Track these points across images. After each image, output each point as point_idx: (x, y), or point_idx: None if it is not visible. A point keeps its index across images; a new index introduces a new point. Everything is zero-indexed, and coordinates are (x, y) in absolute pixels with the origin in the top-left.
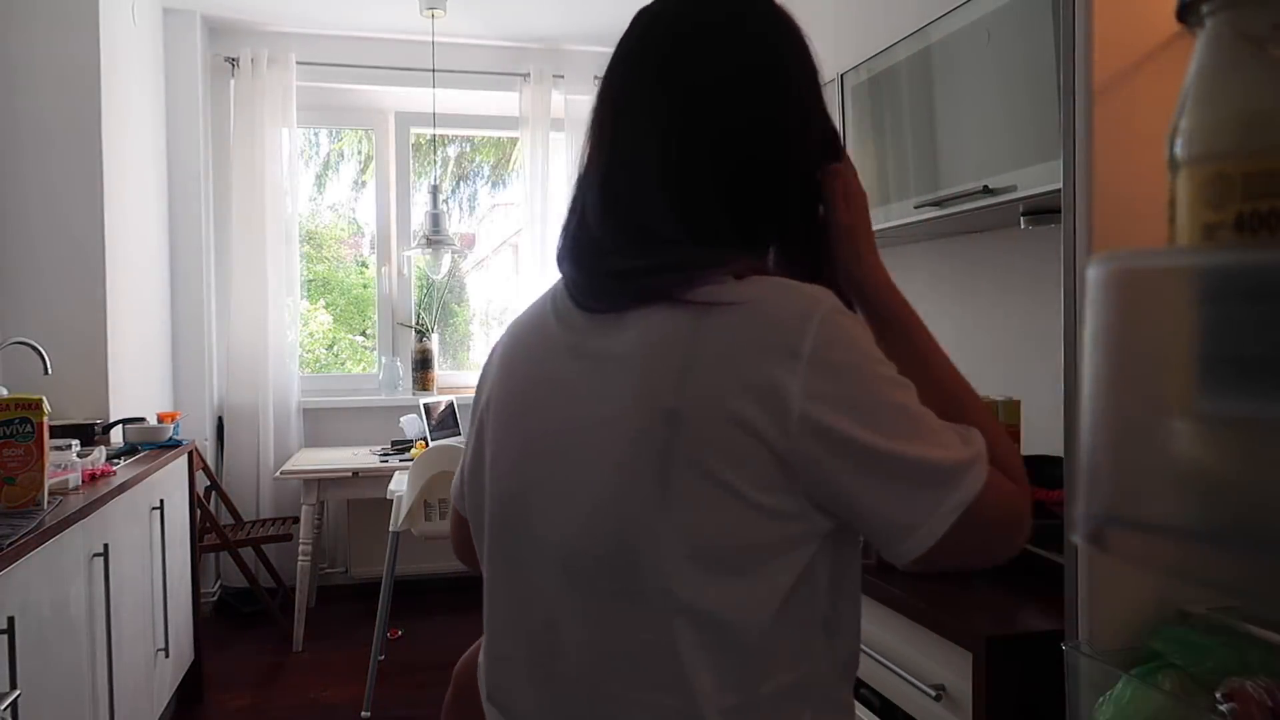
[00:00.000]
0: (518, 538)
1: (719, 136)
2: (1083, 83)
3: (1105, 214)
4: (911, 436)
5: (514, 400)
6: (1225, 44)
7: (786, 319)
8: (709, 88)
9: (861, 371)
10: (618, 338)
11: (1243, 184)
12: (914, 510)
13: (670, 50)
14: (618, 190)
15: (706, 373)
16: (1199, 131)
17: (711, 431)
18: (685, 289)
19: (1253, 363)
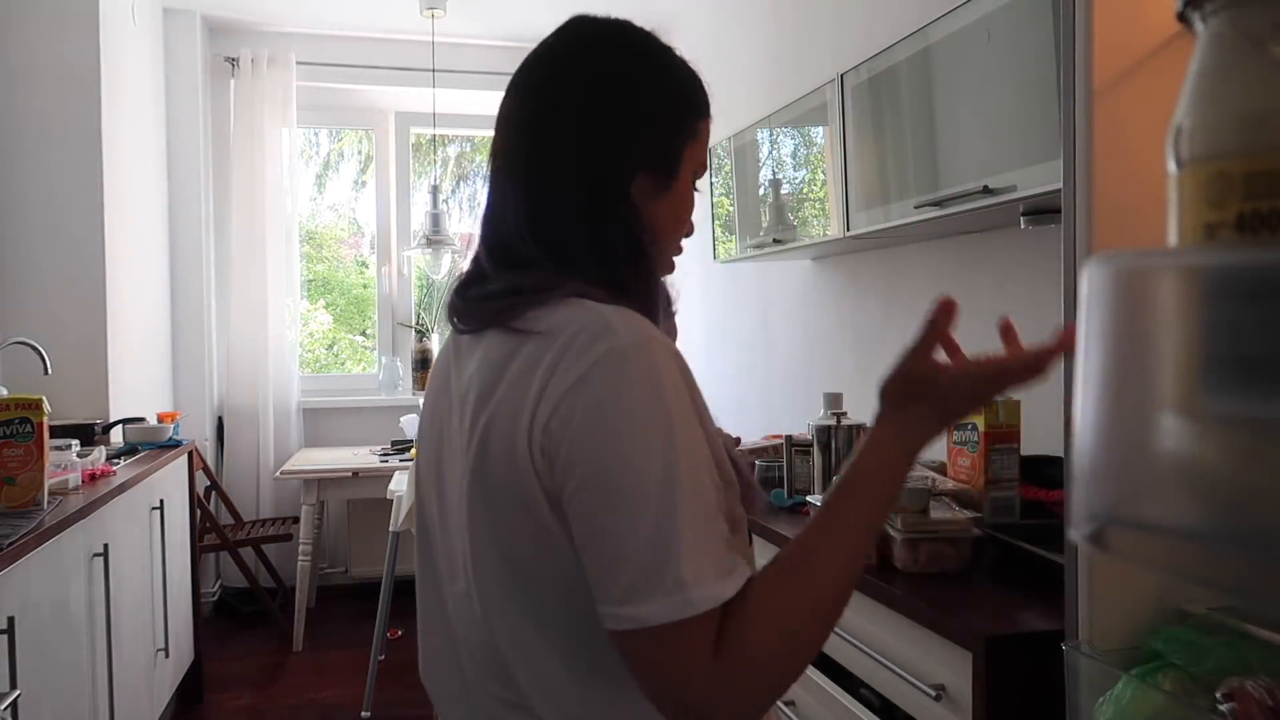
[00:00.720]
0: (426, 543)
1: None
2: (1083, 83)
3: (1105, 214)
4: (643, 493)
5: (426, 419)
6: (1225, 44)
7: (567, 344)
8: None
9: (617, 407)
10: (470, 361)
11: (1243, 184)
12: (648, 577)
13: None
14: (492, 219)
15: (505, 398)
16: (1199, 131)
17: (496, 452)
18: (513, 316)
19: (1253, 363)
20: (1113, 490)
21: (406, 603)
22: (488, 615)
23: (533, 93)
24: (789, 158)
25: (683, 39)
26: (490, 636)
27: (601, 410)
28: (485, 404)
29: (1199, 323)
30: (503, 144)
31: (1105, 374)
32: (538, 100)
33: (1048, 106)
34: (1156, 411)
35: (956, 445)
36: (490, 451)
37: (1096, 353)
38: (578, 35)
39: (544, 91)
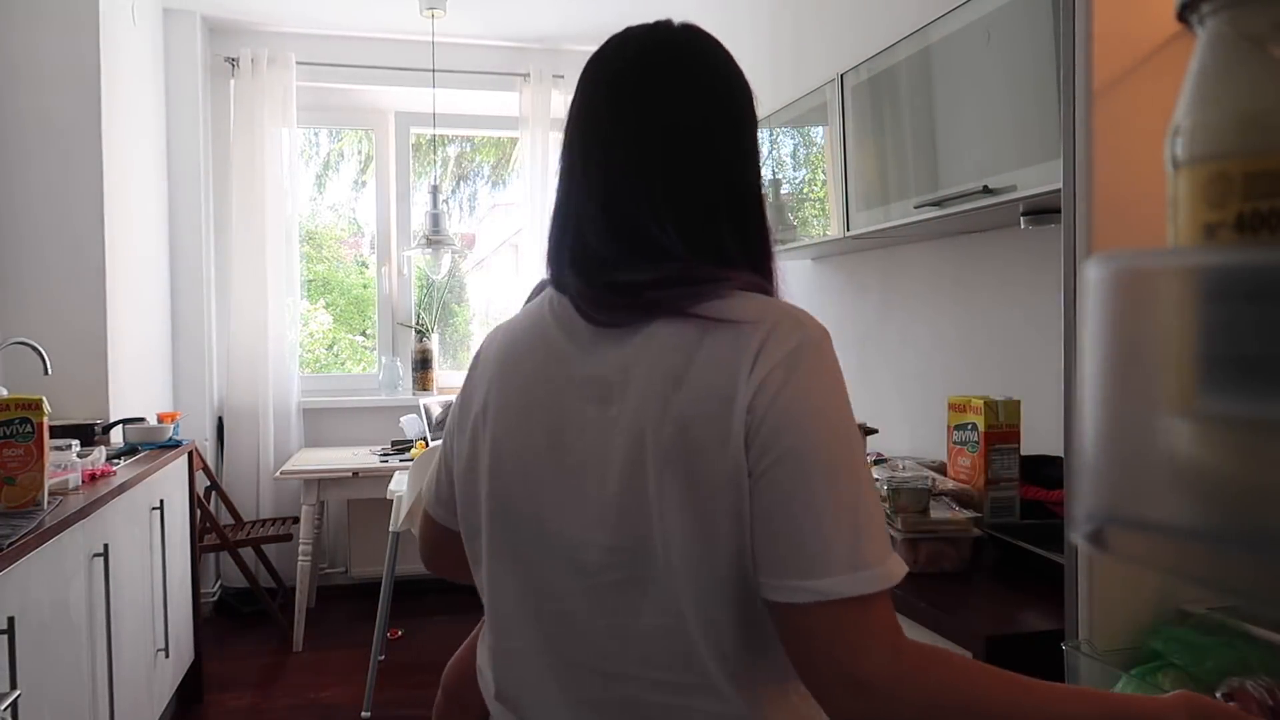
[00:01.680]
0: (528, 534)
1: (709, 174)
2: (1083, 83)
3: (1105, 214)
4: (854, 481)
5: (517, 406)
6: (1225, 44)
7: (766, 335)
8: (696, 130)
9: (822, 398)
10: (625, 347)
11: (1243, 183)
12: (816, 552)
13: (650, 88)
14: (623, 212)
15: (704, 383)
16: (1199, 131)
17: (704, 435)
18: (692, 303)
19: (1253, 363)
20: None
21: (406, 603)
22: (676, 598)
23: (673, 90)
24: (789, 158)
25: None
26: (675, 620)
27: (806, 393)
28: (676, 388)
29: (1199, 323)
30: (631, 133)
31: (1105, 374)
32: (679, 96)
33: (1048, 106)
34: (1156, 411)
35: (956, 445)
36: (691, 433)
37: (1096, 353)
38: (697, 35)
39: (686, 88)
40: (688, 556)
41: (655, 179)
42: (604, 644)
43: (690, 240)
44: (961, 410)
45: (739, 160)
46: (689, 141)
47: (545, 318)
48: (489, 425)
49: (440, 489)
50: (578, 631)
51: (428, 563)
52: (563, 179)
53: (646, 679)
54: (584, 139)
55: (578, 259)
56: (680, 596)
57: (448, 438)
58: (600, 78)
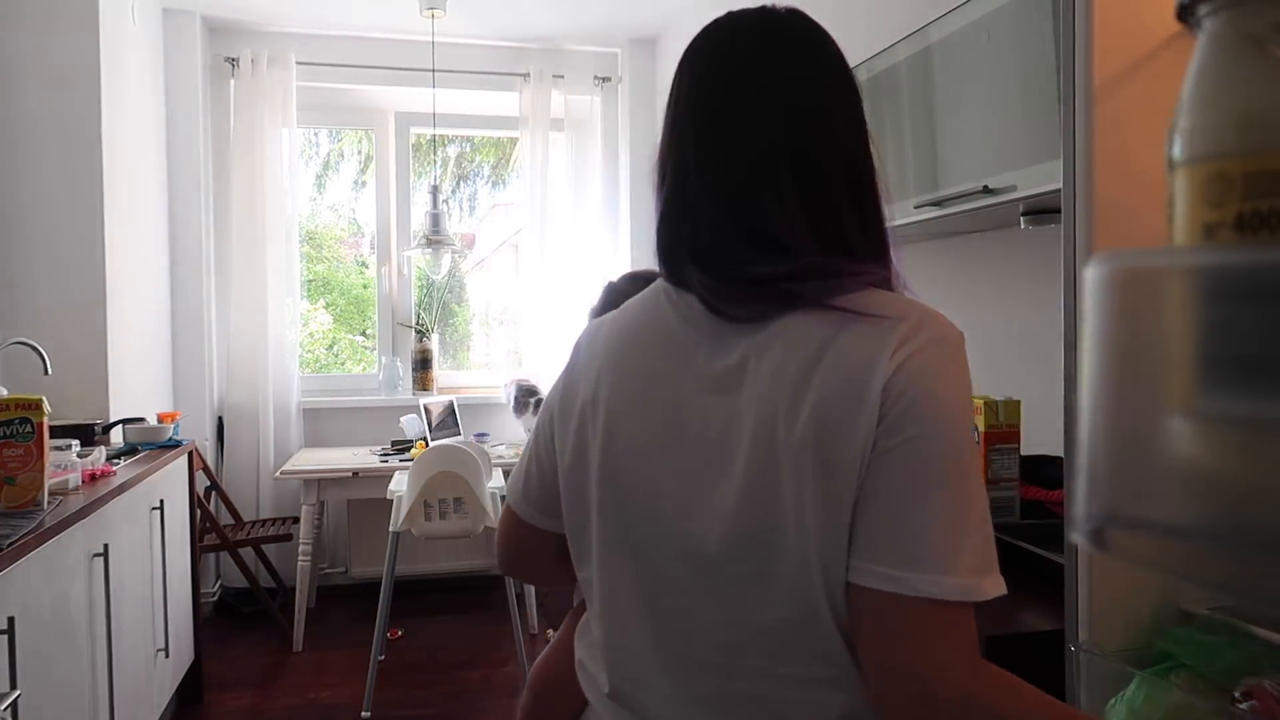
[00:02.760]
0: (646, 528)
1: (839, 148)
2: (1083, 83)
3: (1105, 214)
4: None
5: (636, 399)
6: (1225, 44)
7: (899, 331)
8: (838, 109)
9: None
10: (755, 338)
11: (1243, 183)
12: (926, 549)
13: (799, 70)
14: (745, 202)
15: (841, 368)
16: (1199, 131)
17: (839, 419)
18: (831, 296)
19: (1253, 363)
20: (1113, 490)
21: (406, 603)
22: (811, 586)
23: (793, 73)
24: None
25: (684, 39)
26: (808, 611)
27: (942, 387)
28: (810, 375)
29: (1199, 323)
30: (752, 121)
31: (1105, 374)
32: (799, 79)
33: (1048, 106)
34: (1156, 412)
35: None
36: (826, 419)
37: (1096, 352)
38: (805, 18)
39: (805, 71)
40: (823, 544)
41: (781, 169)
42: (729, 637)
43: (817, 233)
44: None
45: (858, 145)
46: (812, 127)
47: (664, 311)
48: (601, 418)
49: (530, 487)
50: (700, 625)
51: (507, 565)
52: (673, 171)
53: (774, 672)
54: (698, 129)
55: (701, 254)
56: (815, 585)
57: (542, 433)
58: (712, 64)
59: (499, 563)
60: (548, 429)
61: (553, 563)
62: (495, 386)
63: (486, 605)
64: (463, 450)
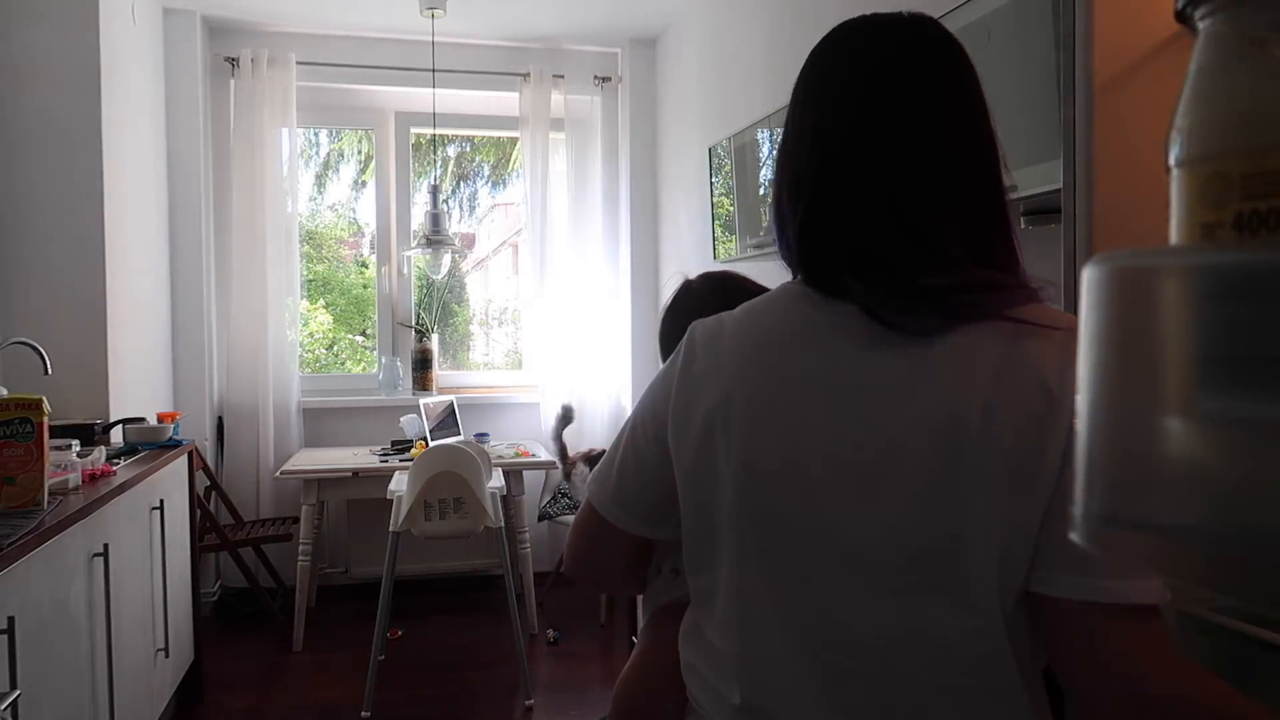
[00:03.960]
0: (797, 539)
1: (992, 164)
2: (1083, 83)
3: (1105, 214)
4: None
5: (783, 407)
6: (1225, 44)
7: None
8: (982, 116)
9: None
10: (926, 349)
11: (1242, 184)
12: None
13: (949, 73)
14: (909, 210)
15: (1028, 383)
16: (1199, 131)
17: (1028, 432)
18: (1009, 308)
19: (1253, 363)
20: (1112, 490)
21: (406, 603)
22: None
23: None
24: None
25: (684, 39)
26: (983, 622)
27: None
28: (996, 388)
29: (1198, 323)
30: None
31: (1104, 374)
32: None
33: (1048, 106)
34: (1156, 411)
35: None
36: (1014, 430)
37: (1095, 353)
38: (946, 31)
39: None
40: (1007, 555)
41: (942, 177)
42: (886, 648)
43: (970, 244)
44: None
45: (996, 157)
46: (965, 135)
47: (809, 318)
48: (738, 424)
49: (624, 488)
50: (856, 634)
51: (579, 567)
52: (820, 173)
53: (934, 684)
54: (850, 130)
55: (860, 262)
56: (991, 595)
57: (644, 434)
58: (863, 63)
59: (567, 564)
60: (654, 432)
61: (628, 568)
62: (495, 386)
63: (486, 605)
64: (463, 450)
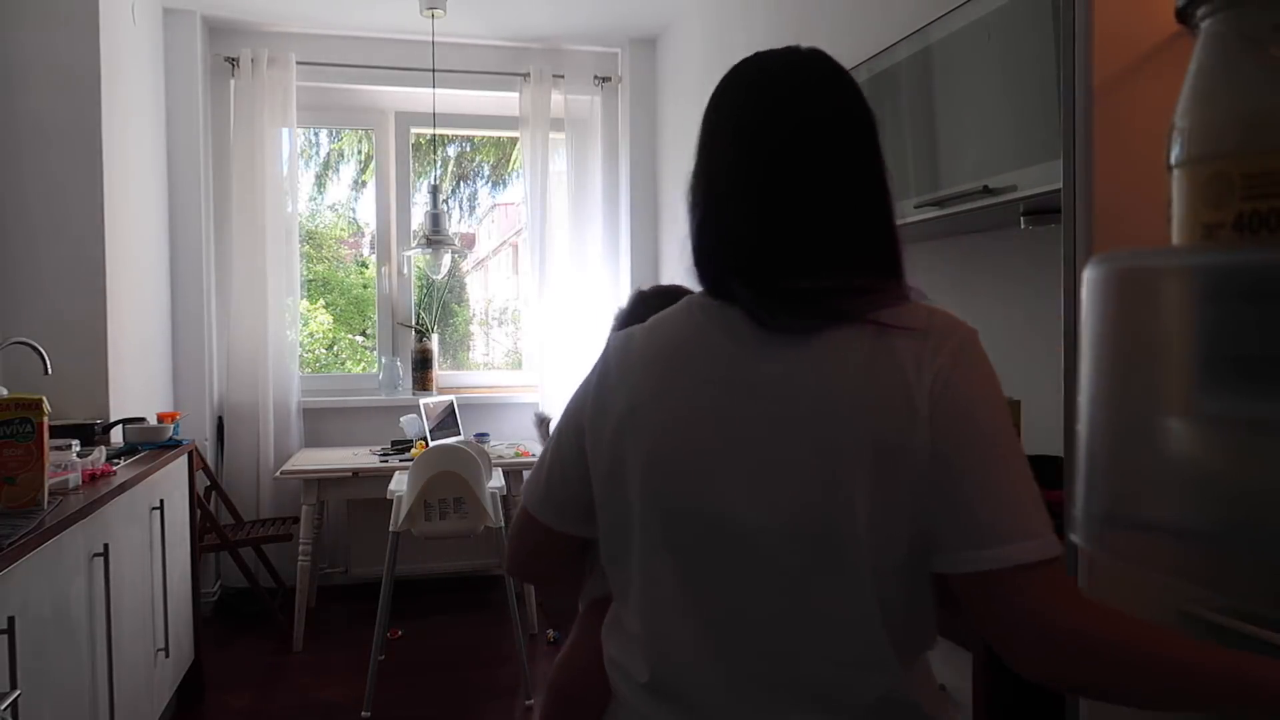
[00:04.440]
0: (697, 528)
1: (864, 176)
2: (1083, 83)
3: (1105, 214)
4: (1021, 459)
5: (682, 408)
6: (1225, 44)
7: (935, 339)
8: (864, 147)
9: (985, 388)
10: (804, 349)
11: (1242, 184)
12: (1007, 524)
13: (806, 107)
14: (783, 226)
15: (890, 380)
16: (1199, 131)
17: (893, 426)
18: (872, 310)
19: (1252, 363)
20: (1113, 490)
21: (406, 603)
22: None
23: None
24: None
25: (684, 38)
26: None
27: (976, 382)
28: (864, 386)
29: (1198, 323)
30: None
31: (1105, 374)
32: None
33: (1048, 106)
34: (1156, 411)
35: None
36: (881, 425)
37: (1096, 353)
38: (833, 63)
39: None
40: (876, 539)
41: (814, 197)
42: (779, 627)
43: (847, 253)
44: None
45: (880, 174)
46: (840, 159)
47: (702, 325)
48: (643, 427)
49: (551, 491)
50: (750, 617)
51: (519, 567)
52: (710, 196)
53: (818, 658)
54: (733, 160)
55: (743, 269)
56: (866, 578)
57: (567, 441)
58: (748, 99)
59: (509, 565)
60: (574, 438)
61: (564, 566)
62: (495, 386)
63: (486, 605)
64: (463, 450)
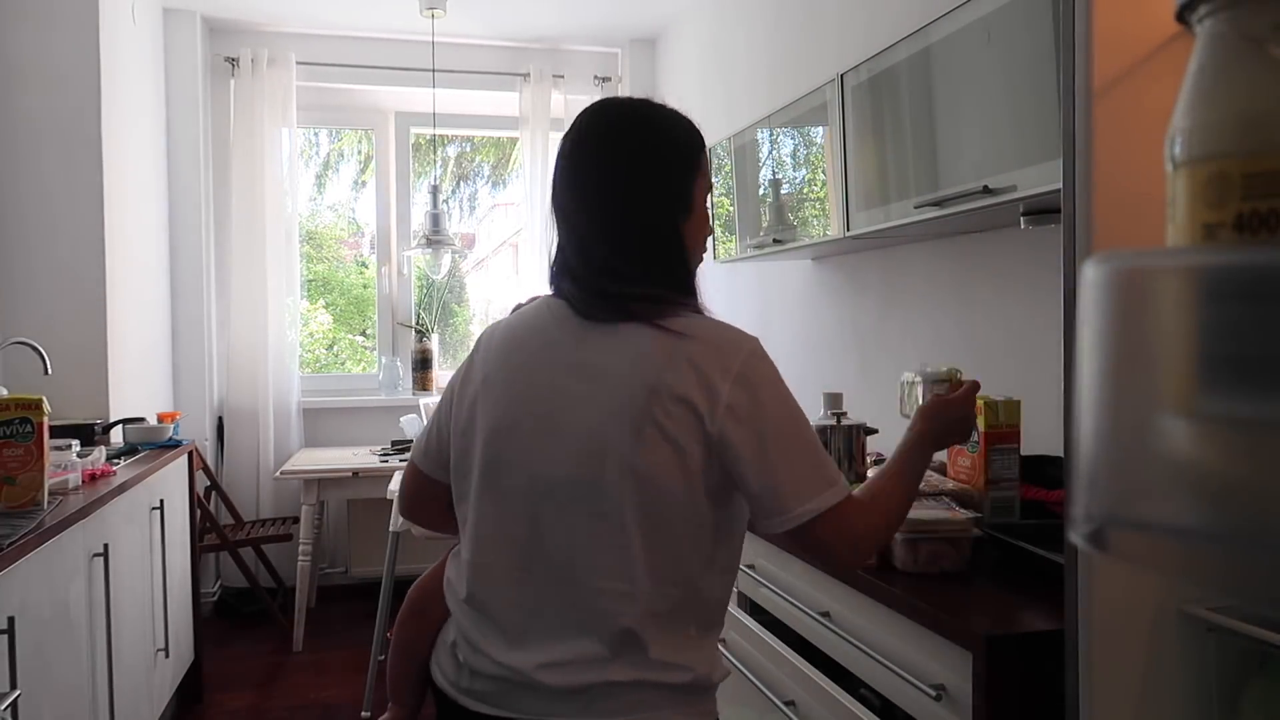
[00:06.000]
0: (514, 475)
1: (652, 218)
2: (1083, 83)
3: (1105, 214)
4: (801, 438)
5: (516, 380)
6: (1225, 44)
7: (728, 350)
8: (646, 184)
9: (771, 388)
10: (612, 340)
11: (1242, 184)
12: (791, 494)
13: (618, 154)
14: (596, 247)
15: (674, 371)
16: (1199, 131)
17: (672, 406)
18: (659, 318)
19: (1253, 363)
20: (1113, 490)
21: None
22: (624, 526)
23: (608, 163)
24: (789, 158)
25: (684, 39)
26: (620, 543)
27: (764, 385)
28: (652, 376)
29: (1198, 323)
30: (595, 189)
31: (1105, 374)
32: (614, 169)
33: (1048, 106)
34: (1156, 412)
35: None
36: (664, 410)
37: (1096, 353)
38: (652, 113)
39: (617, 162)
40: (641, 495)
41: (617, 226)
42: (565, 558)
43: (643, 266)
44: None
45: (675, 210)
46: (639, 197)
47: (544, 316)
48: (488, 395)
49: (429, 446)
50: (545, 549)
51: (407, 511)
52: (556, 221)
53: (590, 586)
54: (561, 193)
55: (572, 273)
56: (627, 525)
57: (444, 406)
58: (569, 143)
59: (400, 509)
60: (448, 405)
61: (441, 510)
62: None
63: None
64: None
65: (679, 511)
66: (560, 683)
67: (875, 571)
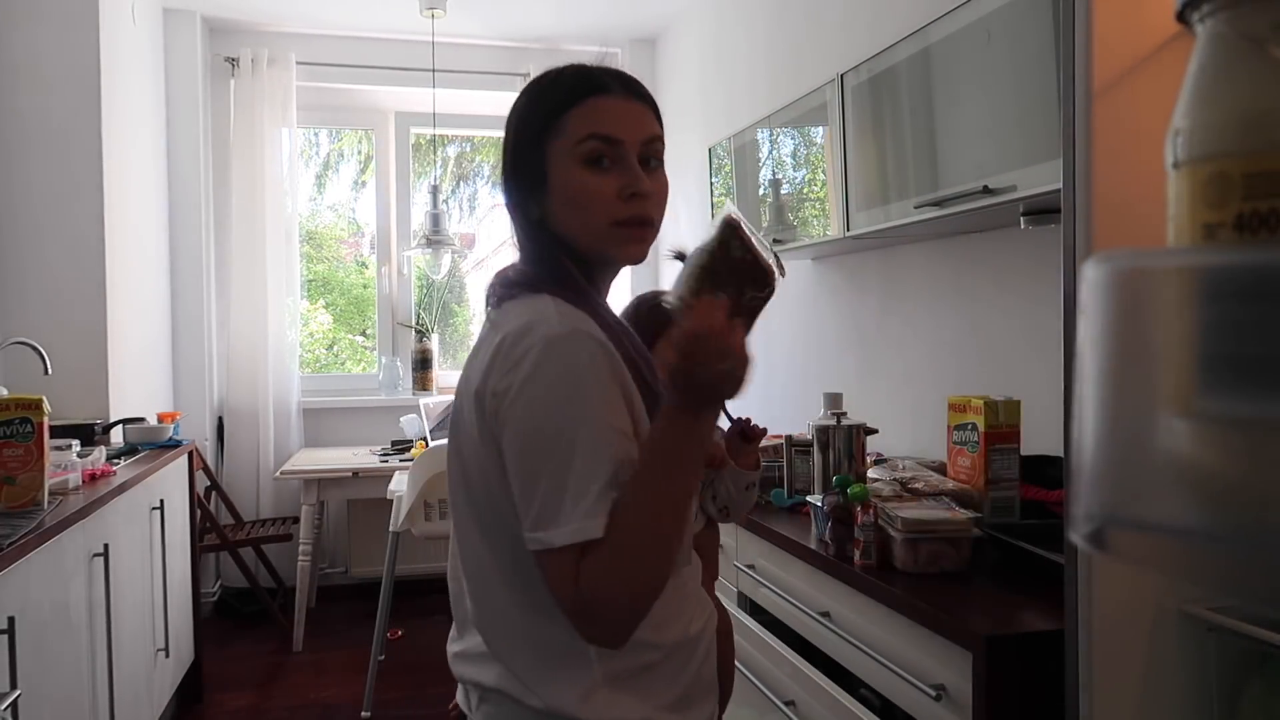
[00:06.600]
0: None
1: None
2: (1083, 83)
3: (1105, 214)
4: (555, 452)
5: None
6: (1225, 44)
7: (521, 341)
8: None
9: (546, 389)
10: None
11: (1243, 184)
12: (524, 511)
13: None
14: None
15: (471, 372)
16: (1199, 131)
17: (468, 415)
18: (493, 303)
19: (1253, 363)
20: (1112, 490)
21: (406, 603)
22: (470, 532)
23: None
24: (789, 158)
25: (684, 39)
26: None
27: (528, 384)
28: (474, 374)
29: (1198, 323)
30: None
31: (1105, 374)
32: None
33: (1048, 106)
34: (1156, 412)
35: (956, 445)
36: (463, 414)
37: (1096, 353)
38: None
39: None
40: (468, 507)
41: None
42: (459, 561)
43: (523, 262)
44: (961, 410)
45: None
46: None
47: None
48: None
49: None
50: (455, 551)
51: None
52: None
53: (468, 587)
54: None
55: None
56: (472, 532)
57: None
58: None
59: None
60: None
61: None
62: None
63: None
64: None
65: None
66: None
67: (875, 571)
